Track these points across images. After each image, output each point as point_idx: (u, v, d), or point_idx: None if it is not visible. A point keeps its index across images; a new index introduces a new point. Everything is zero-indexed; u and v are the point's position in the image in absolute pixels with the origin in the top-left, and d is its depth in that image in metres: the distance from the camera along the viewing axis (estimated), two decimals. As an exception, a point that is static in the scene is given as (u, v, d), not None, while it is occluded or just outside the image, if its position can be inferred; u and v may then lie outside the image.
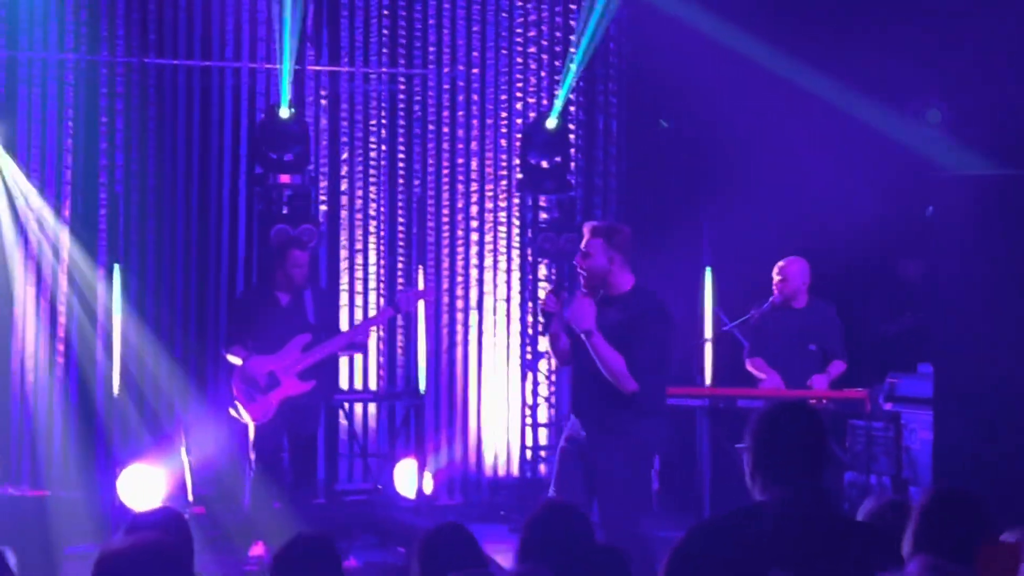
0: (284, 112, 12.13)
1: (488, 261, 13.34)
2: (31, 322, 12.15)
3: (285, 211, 12.17)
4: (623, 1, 12.51)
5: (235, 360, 10.60)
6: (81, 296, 12.24)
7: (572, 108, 13.24)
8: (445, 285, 13.22)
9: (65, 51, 12.33)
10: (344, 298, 12.93)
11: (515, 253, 13.41)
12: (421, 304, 12.52)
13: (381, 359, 13.08)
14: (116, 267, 12.20)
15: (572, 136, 13.18)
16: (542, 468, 13.16)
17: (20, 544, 9.74)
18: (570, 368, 8.31)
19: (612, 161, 13.63)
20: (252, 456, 10.47)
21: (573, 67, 12.60)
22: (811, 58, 11.97)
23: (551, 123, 12.67)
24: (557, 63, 13.40)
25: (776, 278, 10.80)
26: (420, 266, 12.89)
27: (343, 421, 12.75)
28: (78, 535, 10.65)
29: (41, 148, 12.28)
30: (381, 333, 12.97)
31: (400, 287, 12.94)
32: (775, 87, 12.03)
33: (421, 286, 12.50)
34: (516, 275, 13.40)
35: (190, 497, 11.23)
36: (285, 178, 12.30)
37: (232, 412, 10.65)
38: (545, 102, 13.35)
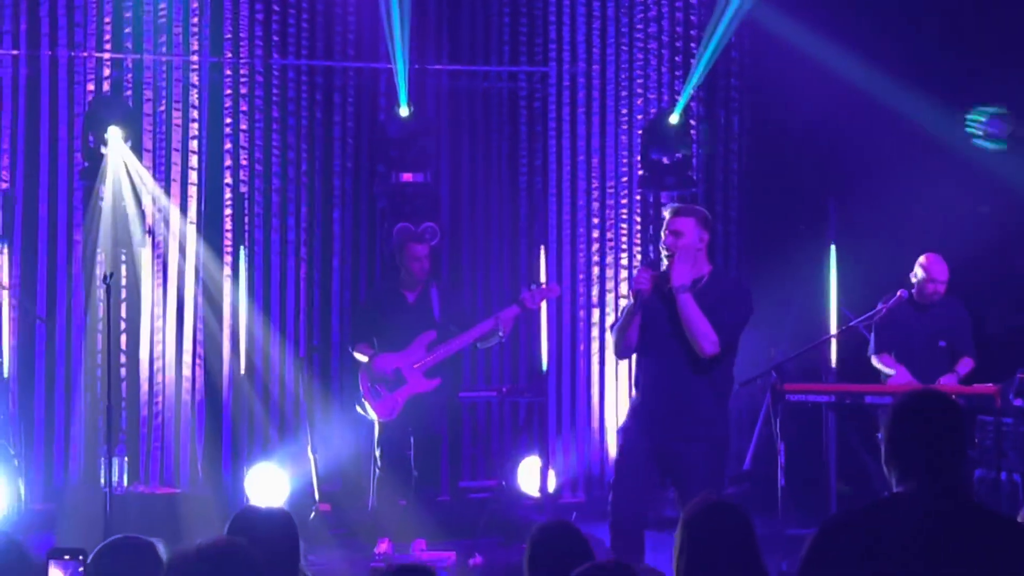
0: (403, 111, 12.19)
1: (609, 258, 13.29)
2: (159, 321, 12.29)
3: (408, 209, 12.23)
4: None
5: (361, 358, 10.65)
6: (207, 295, 12.37)
7: (692, 103, 13.14)
8: (567, 282, 13.19)
9: (190, 53, 12.47)
10: (466, 295, 12.95)
11: (636, 250, 13.35)
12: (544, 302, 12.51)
13: (505, 356, 13.09)
14: (241, 267, 12.33)
15: (693, 132, 13.10)
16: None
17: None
18: (640, 355, 8.23)
19: (733, 157, 13.53)
20: (378, 454, 10.51)
21: (700, 64, 12.53)
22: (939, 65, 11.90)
23: (674, 119, 12.61)
24: (677, 59, 13.32)
25: (920, 275, 10.71)
26: (542, 262, 12.85)
27: (467, 418, 12.78)
28: (206, 533, 10.76)
29: (167, 149, 12.42)
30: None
31: (526, 285, 12.94)
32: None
33: (545, 284, 12.50)
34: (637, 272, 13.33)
35: (316, 495, 11.30)
36: (407, 176, 12.36)
37: (359, 410, 10.71)
38: (666, 98, 13.28)
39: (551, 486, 11.96)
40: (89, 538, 7.76)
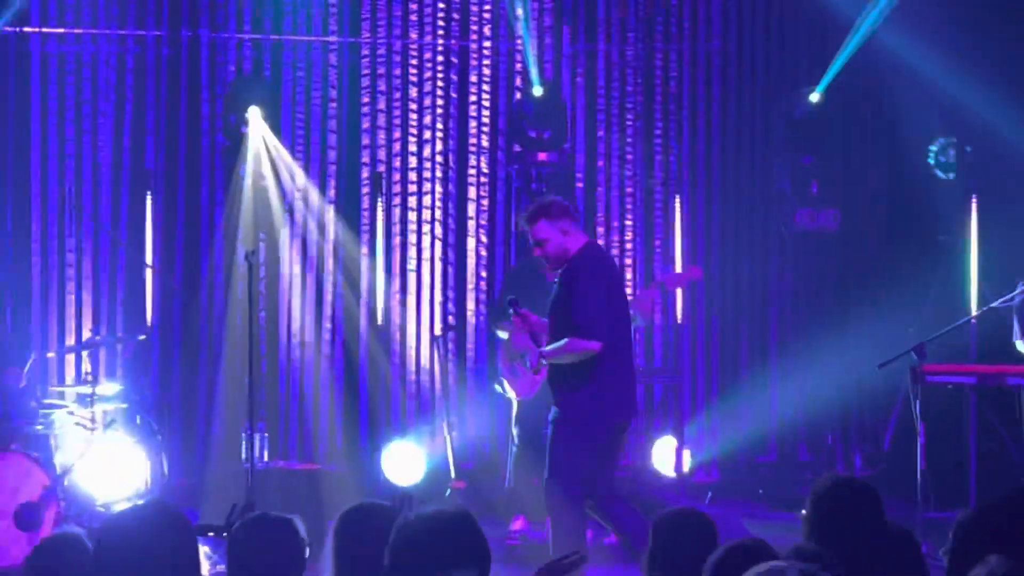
0: (537, 90, 12.21)
1: (744, 237, 13.20)
2: (298, 299, 12.44)
3: (543, 188, 12.25)
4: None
5: (503, 335, 10.69)
6: (346, 273, 12.49)
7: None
8: (702, 261, 13.12)
9: (328, 34, 12.58)
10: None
11: (771, 229, 13.25)
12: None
13: (640, 336, 13.06)
14: (378, 245, 12.42)
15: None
16: (800, 446, 13.03)
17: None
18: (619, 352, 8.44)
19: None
20: (515, 432, 10.54)
21: (850, 45, 12.39)
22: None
23: (815, 97, 12.51)
24: (816, 35, 13.18)
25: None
26: (677, 242, 12.81)
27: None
28: (342, 509, 10.89)
29: (306, 129, 12.56)
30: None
31: (661, 265, 12.91)
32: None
33: (678, 267, 12.46)
34: (773, 251, 13.24)
35: (452, 472, 11.37)
36: (543, 156, 12.38)
37: (496, 388, 10.75)
38: (802, 75, 13.14)
39: (686, 466, 11.93)
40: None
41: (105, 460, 10.37)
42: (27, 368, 10.52)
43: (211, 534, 4.34)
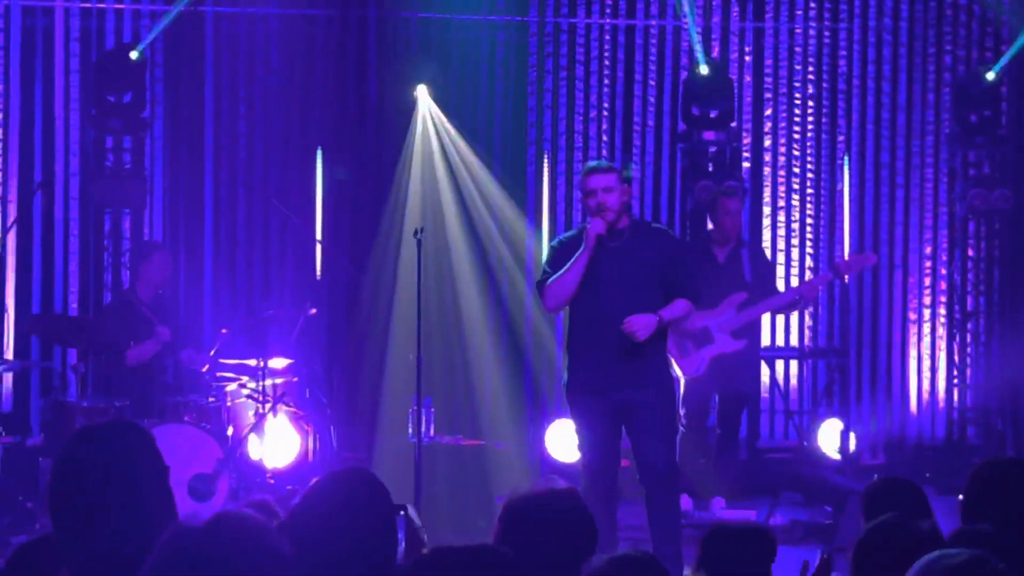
0: (703, 69, 12.16)
1: (915, 218, 13.05)
2: (464, 276, 12.54)
3: (710, 168, 12.21)
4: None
5: None
6: (512, 249, 12.57)
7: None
8: (868, 242, 12.99)
9: (496, 12, 12.64)
10: (772, 258, 12.86)
11: (942, 210, 13.08)
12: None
13: (806, 316, 12.97)
14: (543, 222, 12.46)
15: (1003, 89, 12.75)
16: (969, 430, 12.85)
17: (458, 490, 10.14)
18: (577, 317, 8.38)
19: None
20: (681, 412, 10.53)
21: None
22: None
23: (991, 76, 12.30)
24: (989, 14, 12.96)
25: None
26: (846, 224, 12.68)
27: (765, 379, 12.71)
28: (508, 484, 10.98)
29: (472, 107, 12.64)
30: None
31: (828, 248, 12.81)
32: None
33: (846, 252, 12.35)
34: (943, 232, 13.07)
35: (615, 450, 11.38)
36: (710, 135, 12.34)
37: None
38: (975, 54, 12.94)
39: (851, 448, 11.83)
40: (400, 489, 7.96)
41: (275, 433, 10.57)
42: (214, 352, 10.73)
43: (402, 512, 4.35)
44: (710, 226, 11.18)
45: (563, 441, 11.50)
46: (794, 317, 12.87)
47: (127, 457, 3.56)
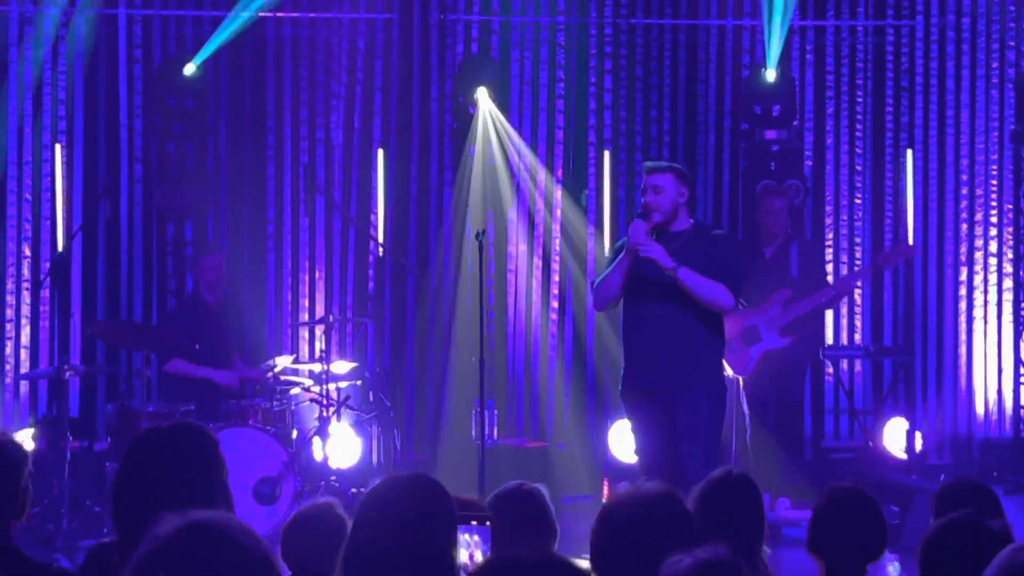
0: (771, 73, 12.11)
1: (978, 215, 12.94)
2: (526, 277, 12.55)
3: (772, 167, 12.17)
4: None
5: None
6: (574, 251, 12.57)
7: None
8: (933, 239, 12.90)
9: (556, 14, 12.65)
10: (829, 254, 12.79)
11: (1007, 207, 12.97)
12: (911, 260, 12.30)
13: (870, 315, 12.90)
14: (605, 223, 12.46)
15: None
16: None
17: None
18: (627, 318, 8.30)
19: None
20: (746, 410, 10.53)
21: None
22: None
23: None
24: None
25: None
26: (909, 219, 12.59)
27: (830, 377, 12.66)
28: (573, 485, 10.99)
29: (533, 108, 12.66)
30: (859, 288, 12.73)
31: (887, 243, 12.73)
32: None
33: (901, 243, 12.27)
34: (1009, 229, 12.96)
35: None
36: (771, 133, 12.30)
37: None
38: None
39: (917, 447, 11.75)
40: (463, 492, 7.99)
41: (339, 436, 10.61)
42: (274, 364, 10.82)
43: (475, 523, 4.29)
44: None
45: (625, 442, 11.49)
46: (860, 316, 12.80)
47: (187, 459, 3.59)
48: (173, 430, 3.73)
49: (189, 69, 11.82)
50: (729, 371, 10.41)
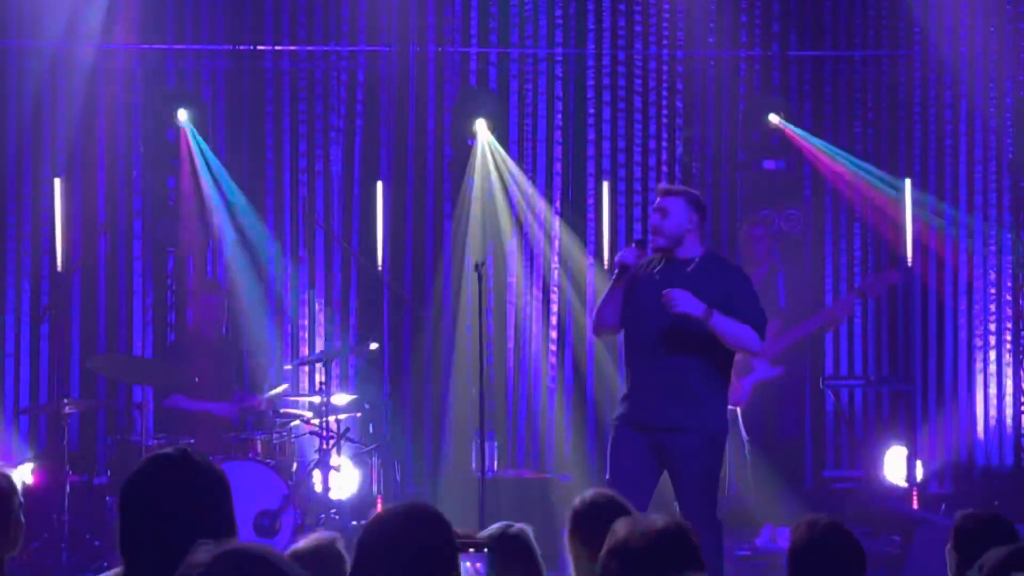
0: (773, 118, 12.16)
1: (979, 244, 12.92)
2: (525, 308, 12.54)
3: (770, 195, 12.23)
4: None
5: None
6: (574, 282, 12.57)
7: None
8: (933, 268, 12.88)
9: (554, 46, 12.68)
10: (830, 283, 12.79)
11: (1005, 236, 12.96)
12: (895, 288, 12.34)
13: (872, 343, 12.89)
14: (604, 254, 12.45)
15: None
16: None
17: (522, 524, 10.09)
18: (628, 348, 8.04)
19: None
20: (746, 438, 10.53)
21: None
22: None
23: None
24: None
25: None
26: (907, 246, 12.59)
27: (831, 406, 12.64)
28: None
29: (532, 140, 12.68)
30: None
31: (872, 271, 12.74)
32: None
33: (883, 271, 12.29)
34: (1008, 258, 12.96)
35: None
36: (770, 164, 12.33)
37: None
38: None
39: (918, 476, 11.74)
40: (464, 523, 7.98)
41: (340, 468, 10.60)
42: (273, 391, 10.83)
43: (472, 550, 4.27)
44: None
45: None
46: (860, 345, 12.80)
47: (195, 490, 3.59)
48: (183, 458, 3.72)
49: (183, 115, 11.83)
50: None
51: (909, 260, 12.52)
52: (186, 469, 3.65)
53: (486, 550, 4.29)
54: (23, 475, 10.51)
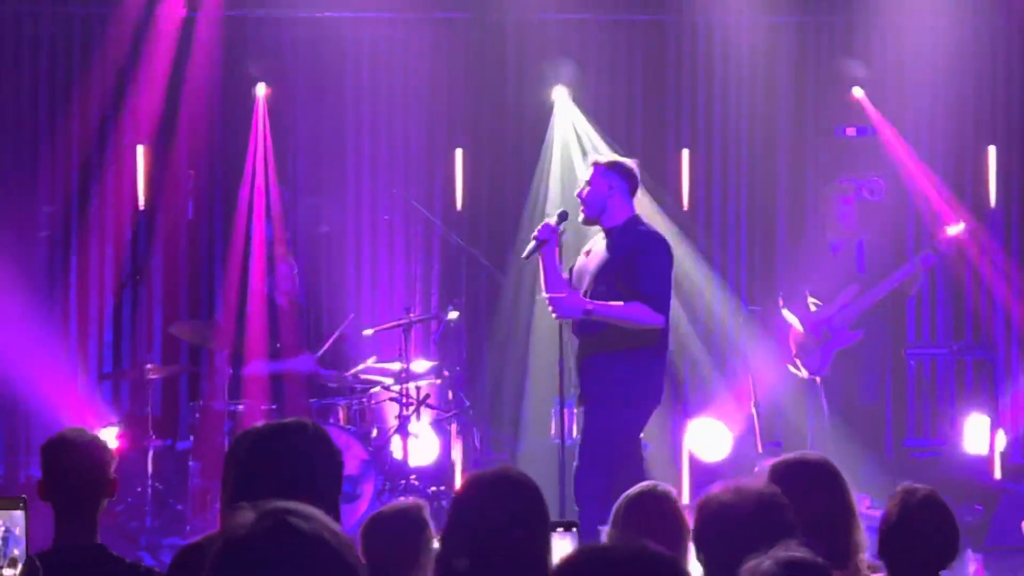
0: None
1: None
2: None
3: (851, 163, 12.15)
4: None
5: (790, 317, 10.73)
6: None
7: None
8: (1016, 233, 12.75)
9: (635, 12, 12.65)
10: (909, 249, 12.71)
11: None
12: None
13: (952, 311, 12.78)
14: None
15: None
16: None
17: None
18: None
19: None
20: (824, 405, 10.51)
21: None
22: None
23: None
24: None
25: None
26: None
27: (913, 375, 12.57)
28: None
29: (610, 107, 12.67)
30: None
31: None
32: None
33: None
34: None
35: (759, 448, 11.32)
36: (852, 131, 12.24)
37: (791, 368, 10.75)
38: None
39: (999, 446, 11.64)
40: (544, 491, 8.02)
41: (419, 435, 10.65)
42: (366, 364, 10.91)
43: (561, 529, 4.29)
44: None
45: (705, 439, 11.48)
46: (942, 312, 12.71)
47: (310, 453, 3.65)
48: (291, 425, 3.79)
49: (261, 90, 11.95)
50: (804, 372, 10.40)
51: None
52: (315, 439, 3.71)
53: (574, 529, 4.32)
54: (107, 439, 10.63)
